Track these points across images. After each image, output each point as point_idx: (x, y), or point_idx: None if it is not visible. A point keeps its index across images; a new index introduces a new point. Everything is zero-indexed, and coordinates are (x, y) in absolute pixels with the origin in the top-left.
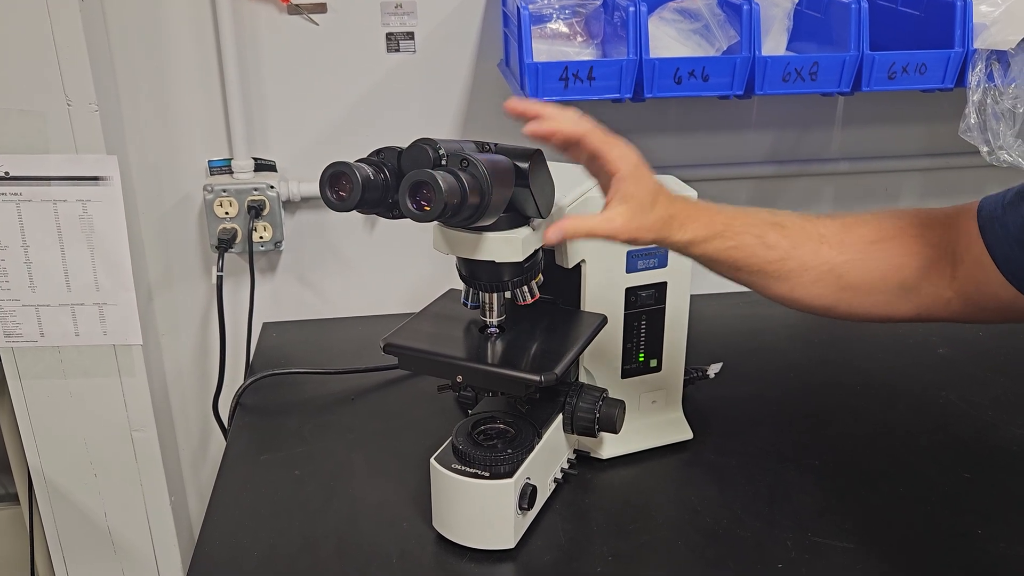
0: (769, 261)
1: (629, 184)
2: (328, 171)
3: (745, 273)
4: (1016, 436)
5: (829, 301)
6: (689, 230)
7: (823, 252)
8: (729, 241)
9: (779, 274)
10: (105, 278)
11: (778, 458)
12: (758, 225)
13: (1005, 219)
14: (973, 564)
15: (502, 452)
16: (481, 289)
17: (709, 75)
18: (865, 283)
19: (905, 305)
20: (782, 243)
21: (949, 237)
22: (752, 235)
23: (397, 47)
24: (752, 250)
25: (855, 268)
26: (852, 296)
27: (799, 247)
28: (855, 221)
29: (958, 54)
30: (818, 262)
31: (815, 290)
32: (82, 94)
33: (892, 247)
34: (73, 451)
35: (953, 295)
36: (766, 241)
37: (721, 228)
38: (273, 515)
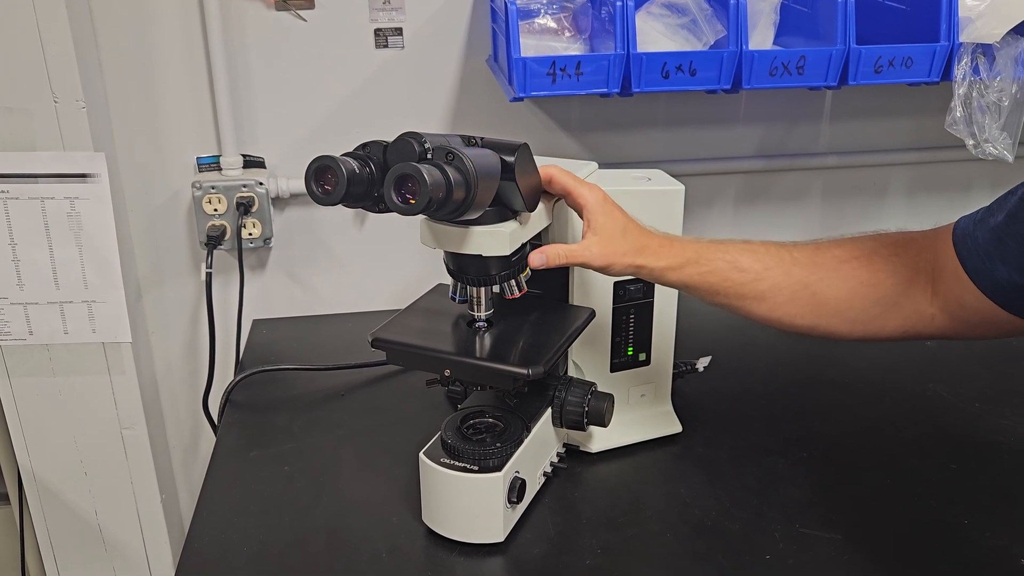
0: (743, 283)
1: (598, 216)
2: (313, 165)
3: (722, 297)
4: (1002, 428)
5: (808, 320)
6: (663, 257)
7: (795, 272)
8: (703, 267)
9: (754, 295)
10: (94, 276)
11: (766, 451)
12: (730, 251)
13: (976, 234)
14: (959, 554)
15: (491, 446)
16: (469, 283)
17: (696, 70)
18: (839, 299)
19: (888, 323)
20: (754, 266)
21: (927, 255)
22: (724, 260)
23: (385, 43)
24: (725, 274)
25: (827, 285)
26: (829, 313)
27: (771, 268)
28: (828, 243)
29: (944, 48)
30: (790, 281)
31: (792, 309)
32: (69, 91)
33: (864, 265)
34: (63, 449)
35: (937, 311)
36: (738, 265)
37: (693, 256)
38: (263, 511)
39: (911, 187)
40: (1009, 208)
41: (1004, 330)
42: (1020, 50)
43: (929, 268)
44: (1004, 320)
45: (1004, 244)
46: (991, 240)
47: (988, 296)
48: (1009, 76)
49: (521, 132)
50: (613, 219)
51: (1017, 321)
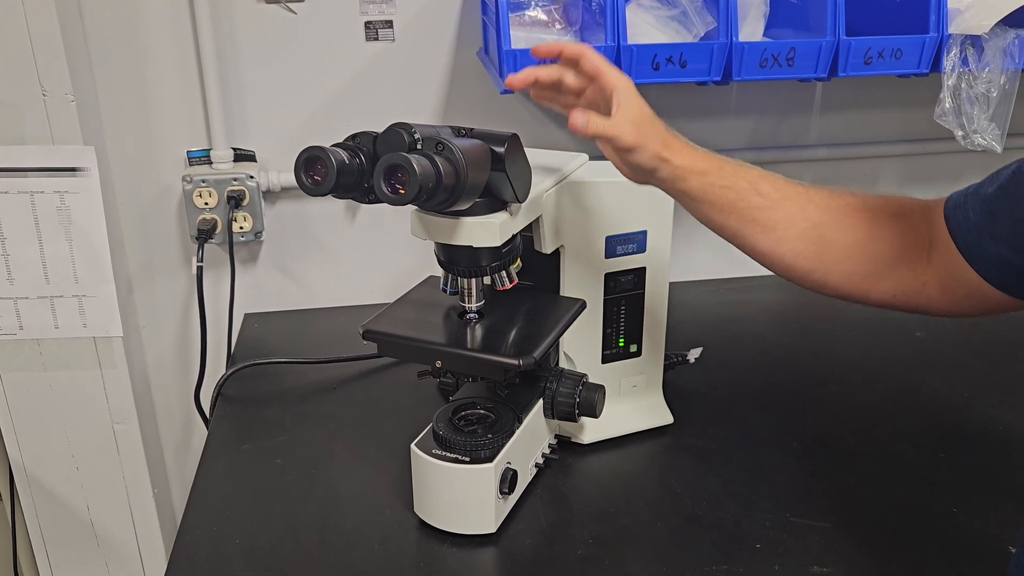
0: (758, 207)
1: (631, 99)
2: (303, 155)
3: (735, 216)
4: (991, 417)
5: (809, 262)
6: (688, 157)
7: (809, 210)
8: (724, 180)
9: (766, 223)
10: (84, 270)
11: (757, 441)
12: (751, 173)
13: (966, 207)
14: (948, 542)
15: (482, 437)
16: (460, 275)
17: (687, 61)
18: (845, 246)
19: (882, 283)
20: (772, 194)
21: (926, 225)
22: (745, 180)
23: (376, 36)
24: (743, 194)
25: (836, 229)
26: (831, 259)
27: (787, 200)
28: (842, 191)
29: (933, 39)
30: (802, 217)
31: (798, 245)
32: (58, 84)
33: (872, 218)
34: (54, 444)
35: (928, 279)
36: (758, 188)
37: (717, 165)
38: (255, 504)
39: (901, 179)
40: (1001, 182)
41: (992, 307)
42: (1008, 41)
43: (926, 238)
44: (992, 296)
45: (994, 218)
46: (982, 214)
47: (977, 271)
48: (997, 67)
49: (512, 124)
50: (643, 106)
51: (1005, 299)
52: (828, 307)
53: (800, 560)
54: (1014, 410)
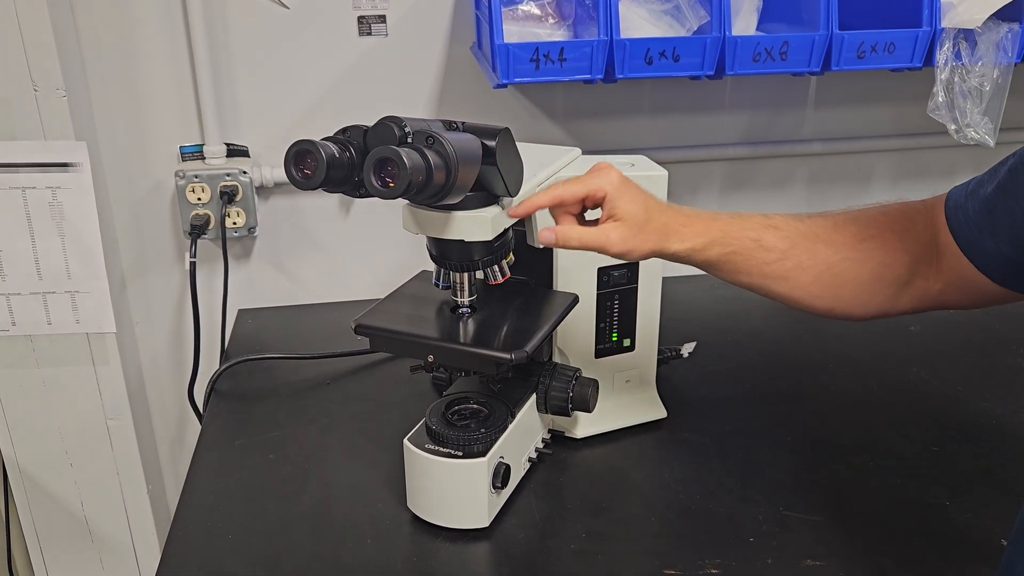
0: (767, 263)
1: (619, 203)
2: (293, 149)
3: (745, 276)
4: (983, 410)
5: (828, 301)
6: (687, 239)
7: (819, 251)
8: (728, 247)
9: (778, 275)
10: (77, 266)
11: (751, 435)
12: (754, 229)
13: (966, 206)
14: (940, 535)
15: (475, 432)
16: (452, 269)
17: (680, 55)
18: (860, 281)
19: (901, 301)
20: (779, 244)
21: (930, 230)
22: (749, 239)
23: (369, 30)
24: (750, 253)
25: (850, 266)
26: (850, 294)
27: (795, 247)
28: (843, 219)
29: (926, 33)
30: (814, 261)
31: (813, 289)
32: (49, 79)
33: (880, 244)
34: (48, 441)
35: (943, 286)
36: (763, 243)
37: (719, 235)
38: (248, 498)
39: (895, 173)
40: (999, 180)
41: (999, 299)
42: (1001, 35)
43: (932, 243)
44: (996, 291)
45: (993, 217)
46: (981, 212)
47: (979, 268)
48: (990, 61)
49: (505, 119)
50: (634, 204)
51: (1010, 293)
52: None
53: (793, 553)
54: (1007, 404)
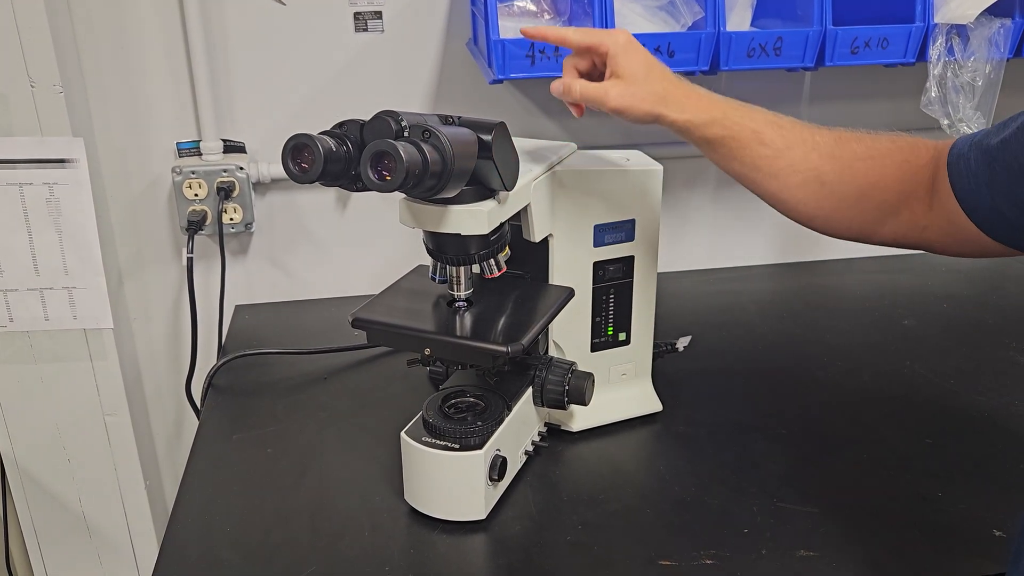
0: (762, 156)
1: (620, 59)
2: (290, 143)
3: (738, 164)
4: (976, 403)
5: (811, 208)
6: (687, 110)
7: (812, 158)
8: (726, 130)
9: (769, 171)
10: (74, 262)
11: (745, 428)
12: (756, 119)
13: (969, 155)
14: (934, 526)
15: (472, 424)
16: (448, 263)
17: (675, 51)
18: (847, 195)
19: (883, 227)
20: (776, 142)
21: (931, 169)
22: (749, 128)
23: (365, 26)
24: (746, 142)
25: (839, 179)
26: (833, 205)
27: (792, 148)
28: (850, 137)
29: (919, 28)
30: (806, 166)
31: (799, 193)
32: (46, 75)
33: (878, 165)
34: (45, 437)
35: (929, 223)
36: (762, 137)
37: (719, 115)
38: (245, 492)
39: None
40: (1005, 135)
41: (990, 252)
42: (993, 31)
43: (930, 181)
44: (989, 244)
45: (993, 170)
46: (982, 164)
47: (974, 222)
48: (982, 56)
49: (502, 114)
50: (636, 61)
51: (1002, 247)
52: (816, 295)
53: (787, 544)
54: (999, 396)
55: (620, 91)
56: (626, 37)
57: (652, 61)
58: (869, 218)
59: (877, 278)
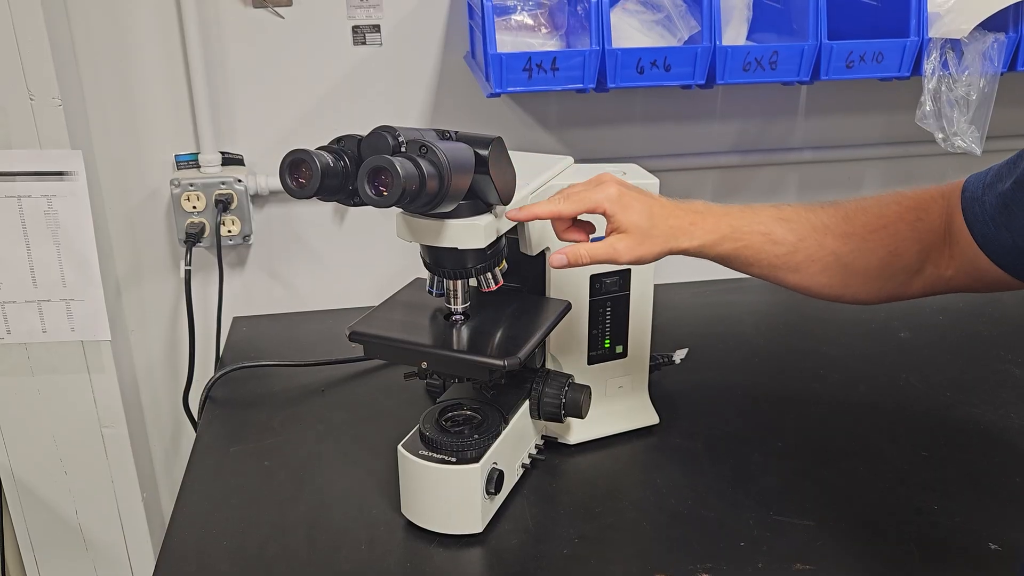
0: (777, 255)
1: (619, 217)
2: (288, 158)
3: (756, 268)
4: (972, 415)
5: (837, 289)
6: (696, 237)
7: (827, 243)
8: (738, 242)
9: (788, 266)
10: (72, 274)
11: (742, 441)
12: (764, 222)
13: (984, 199)
14: (930, 539)
15: (469, 438)
16: (445, 276)
17: (671, 65)
18: (870, 269)
19: (911, 287)
20: (788, 237)
21: (943, 217)
22: (759, 234)
23: (363, 40)
24: (760, 247)
25: (859, 256)
26: (859, 282)
27: (805, 239)
28: (855, 208)
29: (914, 43)
30: (823, 253)
31: (823, 279)
32: (45, 88)
33: (891, 234)
34: (42, 448)
35: (953, 273)
36: (773, 238)
37: (728, 231)
38: (242, 505)
39: (885, 181)
40: (1017, 175)
41: (1012, 287)
42: (988, 45)
43: (945, 230)
44: (1009, 280)
45: (1010, 211)
46: (998, 206)
47: (995, 262)
48: (977, 71)
49: (499, 128)
50: (637, 214)
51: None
52: (813, 308)
53: (783, 557)
54: (996, 409)
55: (627, 245)
56: (617, 190)
57: (650, 203)
58: (896, 283)
59: None
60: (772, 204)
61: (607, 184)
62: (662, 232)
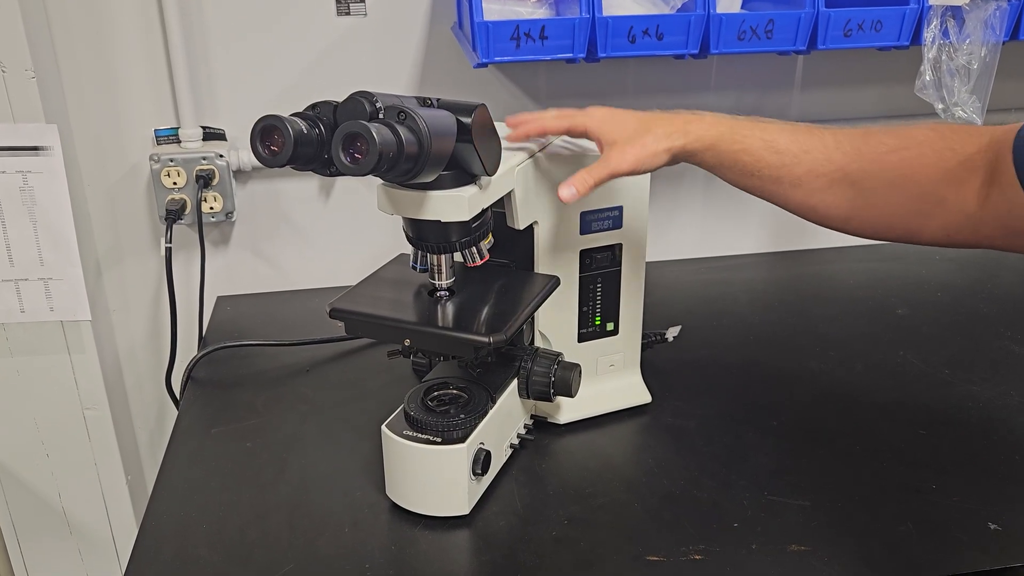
0: (779, 166)
1: (605, 128)
2: (259, 124)
3: (756, 179)
4: (970, 393)
5: (843, 211)
6: (692, 134)
7: (835, 158)
8: (736, 144)
9: (790, 180)
10: (50, 252)
11: (736, 420)
12: (767, 130)
13: None
14: (928, 519)
15: (455, 417)
16: (429, 251)
17: (663, 34)
18: (878, 190)
19: (929, 223)
20: (791, 148)
21: (988, 154)
22: (759, 139)
23: (347, 10)
24: (760, 154)
25: (868, 174)
26: (867, 206)
27: (809, 152)
28: (879, 130)
29: (913, 10)
30: (829, 168)
31: (828, 198)
32: (17, 60)
33: (914, 155)
34: (23, 431)
35: (984, 217)
36: (775, 145)
37: (727, 131)
38: (223, 488)
39: None
40: None
41: None
42: (989, 13)
43: (988, 168)
44: None
45: None
46: None
47: None
48: (978, 39)
49: (487, 99)
50: (624, 124)
51: None
52: (808, 285)
53: (778, 538)
54: (994, 387)
55: (623, 152)
56: (604, 112)
57: (643, 115)
58: (909, 211)
59: (870, 267)
60: (781, 121)
61: (595, 109)
62: (657, 134)
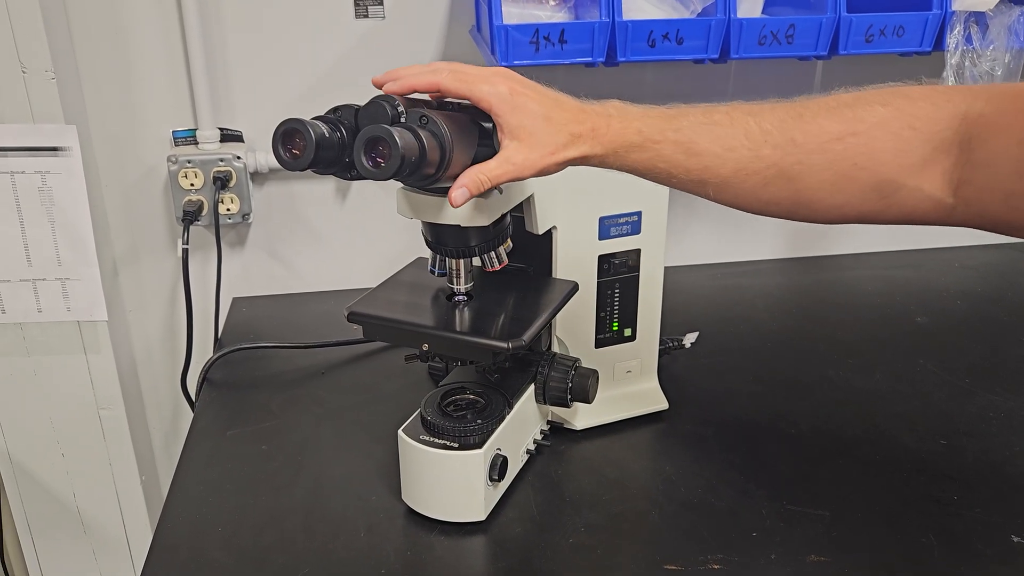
0: (701, 169)
1: (508, 119)
2: (281, 128)
3: (678, 184)
4: (992, 403)
5: (787, 205)
6: (599, 145)
7: (764, 154)
8: (647, 152)
9: (717, 181)
10: (67, 252)
11: (754, 427)
12: (682, 129)
13: None
14: (949, 531)
15: (471, 423)
16: (447, 255)
17: (684, 38)
18: (822, 185)
19: (889, 209)
20: (712, 148)
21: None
22: (672, 143)
23: (366, 12)
24: (676, 160)
25: (806, 169)
26: (810, 200)
27: (734, 150)
28: (818, 108)
29: (936, 16)
30: (760, 166)
31: (764, 195)
32: (37, 61)
33: (863, 142)
34: (39, 431)
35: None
36: (692, 147)
37: (636, 138)
38: (239, 490)
39: None
40: None
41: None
42: (1014, 18)
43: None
44: None
45: None
46: None
47: None
48: (1002, 45)
49: None
50: (529, 115)
51: None
52: (826, 291)
53: (797, 549)
54: (1016, 397)
55: (526, 156)
56: (508, 87)
57: (549, 106)
58: (861, 201)
59: (888, 274)
60: (707, 106)
61: (500, 79)
62: (558, 139)
